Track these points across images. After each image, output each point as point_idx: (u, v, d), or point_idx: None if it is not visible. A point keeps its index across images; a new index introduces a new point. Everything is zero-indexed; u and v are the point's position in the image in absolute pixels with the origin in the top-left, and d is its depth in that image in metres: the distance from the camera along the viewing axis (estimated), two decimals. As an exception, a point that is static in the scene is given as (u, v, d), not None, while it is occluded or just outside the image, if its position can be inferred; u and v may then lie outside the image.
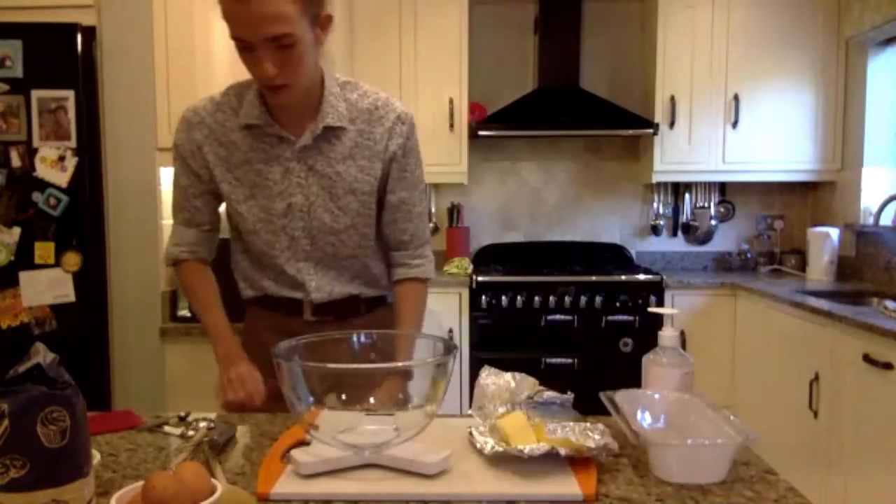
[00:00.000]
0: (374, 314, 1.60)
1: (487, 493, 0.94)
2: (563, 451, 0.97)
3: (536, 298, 3.42)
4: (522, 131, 3.76)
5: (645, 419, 1.12)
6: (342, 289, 1.54)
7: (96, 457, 0.95)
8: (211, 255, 1.60)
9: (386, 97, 1.51)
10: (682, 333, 3.38)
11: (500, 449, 1.00)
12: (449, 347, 1.08)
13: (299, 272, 1.52)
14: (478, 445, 1.04)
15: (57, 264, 2.39)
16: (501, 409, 1.10)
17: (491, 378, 1.17)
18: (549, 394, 1.15)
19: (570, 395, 1.15)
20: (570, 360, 3.45)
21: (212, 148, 1.47)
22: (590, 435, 1.01)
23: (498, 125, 3.63)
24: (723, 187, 4.05)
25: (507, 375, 1.17)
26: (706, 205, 4.06)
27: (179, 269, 1.58)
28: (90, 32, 2.44)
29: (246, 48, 1.29)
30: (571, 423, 1.03)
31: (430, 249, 1.62)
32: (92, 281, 2.43)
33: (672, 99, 3.68)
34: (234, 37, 1.28)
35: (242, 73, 2.65)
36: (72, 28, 2.39)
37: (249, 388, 1.42)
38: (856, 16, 3.50)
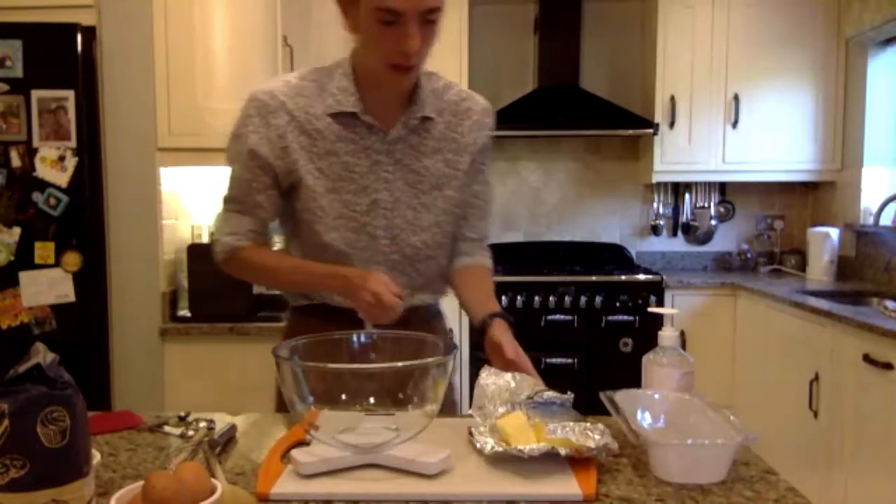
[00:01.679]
0: (431, 323, 1.49)
1: (487, 493, 0.94)
2: (563, 451, 0.97)
3: (536, 298, 3.42)
4: (522, 131, 3.76)
5: (645, 419, 1.12)
6: (409, 300, 1.40)
7: (96, 457, 0.95)
8: (268, 241, 1.45)
9: (468, 89, 1.48)
10: (682, 333, 3.38)
11: (500, 449, 1.00)
12: (449, 347, 1.08)
13: None
14: (478, 445, 1.04)
15: (57, 264, 2.38)
16: (501, 409, 1.10)
17: (491, 378, 1.17)
18: (549, 394, 1.14)
19: (570, 396, 1.15)
20: (570, 360, 3.45)
21: (294, 136, 1.34)
22: (590, 435, 1.01)
23: (498, 125, 3.61)
24: (723, 187, 4.06)
25: (507, 375, 1.17)
26: (706, 205, 4.06)
27: (237, 258, 1.40)
28: (90, 32, 2.44)
29: (391, 22, 1.21)
30: (571, 423, 1.03)
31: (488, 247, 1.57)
32: (92, 281, 2.43)
33: (672, 99, 3.67)
34: (385, 7, 1.20)
35: (242, 74, 2.65)
36: (72, 28, 2.38)
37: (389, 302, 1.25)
38: (856, 16, 3.50)
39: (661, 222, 4.07)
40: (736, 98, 3.66)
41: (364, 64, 1.34)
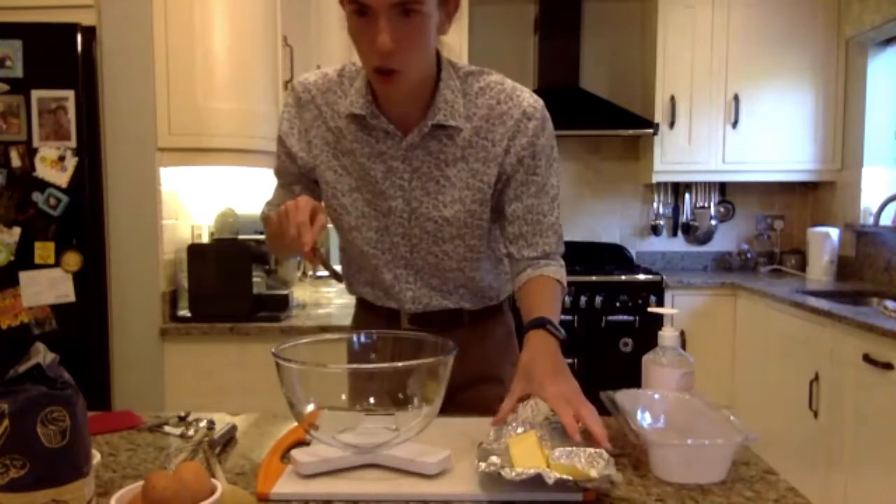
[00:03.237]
0: (478, 326, 1.44)
1: (487, 494, 0.94)
2: (550, 480, 0.88)
3: (536, 298, 3.42)
4: (522, 131, 3.75)
5: (645, 419, 1.12)
6: (441, 302, 1.39)
7: (96, 457, 0.95)
8: None
9: (512, 88, 1.30)
10: (682, 333, 3.38)
11: (489, 470, 0.92)
12: (449, 347, 1.08)
13: (396, 280, 1.37)
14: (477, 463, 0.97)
15: (57, 264, 2.38)
16: (520, 430, 1.05)
17: None
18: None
19: None
20: (570, 360, 3.41)
21: (319, 132, 1.32)
22: (595, 464, 0.94)
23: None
24: (723, 187, 4.06)
25: (528, 402, 1.11)
26: (706, 205, 4.06)
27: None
28: (90, 32, 2.44)
29: (362, 12, 1.11)
30: (579, 450, 0.97)
31: (562, 261, 1.38)
32: (92, 281, 2.43)
33: (672, 99, 3.67)
34: None
35: (242, 74, 2.65)
36: (72, 28, 2.38)
37: (300, 219, 1.11)
38: (856, 16, 3.50)
39: (661, 222, 4.07)
40: (736, 98, 3.66)
41: None
